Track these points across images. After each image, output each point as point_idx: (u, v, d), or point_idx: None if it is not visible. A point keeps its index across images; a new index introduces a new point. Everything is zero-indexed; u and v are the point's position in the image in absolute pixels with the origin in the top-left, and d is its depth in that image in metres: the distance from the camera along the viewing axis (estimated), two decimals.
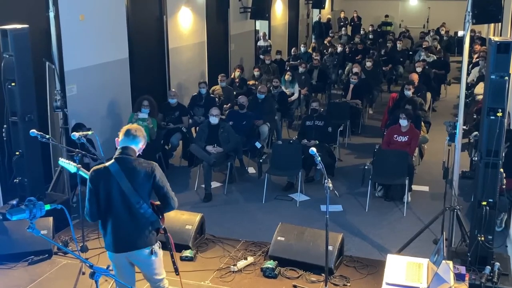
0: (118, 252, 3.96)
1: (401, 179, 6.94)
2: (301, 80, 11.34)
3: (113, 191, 3.85)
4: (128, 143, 3.93)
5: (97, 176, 3.89)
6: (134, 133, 3.94)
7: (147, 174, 3.86)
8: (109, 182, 3.84)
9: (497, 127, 4.76)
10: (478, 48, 13.76)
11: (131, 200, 3.82)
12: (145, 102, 7.92)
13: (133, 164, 3.87)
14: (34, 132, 5.44)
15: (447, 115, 11.20)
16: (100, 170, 3.89)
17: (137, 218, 3.87)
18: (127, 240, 3.90)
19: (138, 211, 3.84)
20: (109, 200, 3.87)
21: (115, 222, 3.89)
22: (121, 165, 3.85)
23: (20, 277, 5.33)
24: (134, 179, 3.84)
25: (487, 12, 6.93)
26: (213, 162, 7.38)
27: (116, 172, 3.82)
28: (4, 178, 6.41)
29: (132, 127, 3.99)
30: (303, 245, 5.47)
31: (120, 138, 3.97)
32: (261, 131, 8.90)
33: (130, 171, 3.84)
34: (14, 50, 5.81)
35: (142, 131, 4.01)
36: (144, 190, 3.87)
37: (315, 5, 19.23)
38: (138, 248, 3.91)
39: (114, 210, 3.87)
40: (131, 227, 3.88)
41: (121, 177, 3.81)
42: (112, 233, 3.91)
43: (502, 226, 6.24)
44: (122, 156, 3.89)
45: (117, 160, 3.88)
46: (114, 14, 8.61)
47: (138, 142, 3.96)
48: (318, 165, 4.52)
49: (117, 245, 3.94)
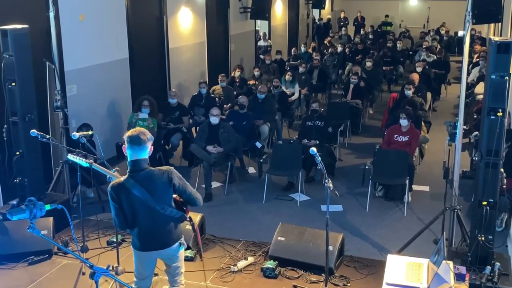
0: (146, 250, 4.00)
1: (402, 179, 6.94)
2: (301, 80, 11.35)
3: (135, 204, 3.83)
4: (137, 156, 3.81)
5: (117, 192, 3.82)
6: (139, 142, 3.78)
7: (165, 184, 3.84)
8: (129, 195, 3.81)
9: (498, 127, 4.76)
10: (478, 48, 13.77)
11: (156, 208, 3.82)
12: (145, 102, 7.92)
13: (148, 177, 3.81)
14: (35, 132, 5.44)
15: (448, 115, 11.20)
16: (118, 186, 3.82)
17: (164, 220, 3.90)
18: (156, 241, 3.95)
19: (164, 215, 3.86)
20: (134, 210, 3.86)
21: (142, 226, 3.91)
22: (137, 180, 3.79)
23: (20, 277, 5.33)
24: (153, 190, 3.81)
25: (487, 12, 6.93)
26: (214, 162, 7.38)
27: (133, 187, 3.77)
28: (4, 178, 6.40)
29: (134, 133, 3.82)
30: (303, 245, 5.47)
31: (126, 147, 3.84)
32: (262, 131, 8.90)
33: (147, 184, 3.80)
34: (14, 50, 5.81)
35: (146, 135, 3.85)
36: (166, 197, 3.88)
37: (315, 5, 19.24)
38: (168, 246, 3.98)
39: (140, 218, 3.88)
40: (159, 231, 3.92)
41: (140, 191, 3.78)
42: (140, 236, 3.95)
43: (502, 226, 6.23)
44: (134, 173, 3.81)
45: (132, 177, 3.81)
46: (114, 14, 8.61)
47: (145, 150, 3.83)
48: (319, 165, 4.52)
49: (146, 246, 3.98)
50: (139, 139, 3.78)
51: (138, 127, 7.88)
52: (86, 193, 7.24)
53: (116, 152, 8.06)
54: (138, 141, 3.78)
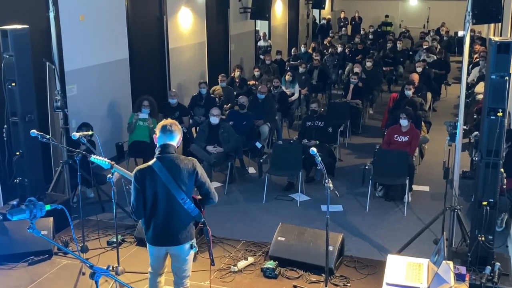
0: (159, 245, 4.09)
1: (402, 179, 6.94)
2: (301, 80, 11.35)
3: (158, 189, 3.93)
4: (166, 140, 4.01)
5: (143, 175, 3.95)
6: (170, 129, 4.01)
7: (189, 171, 3.97)
8: (154, 181, 3.93)
9: (498, 127, 4.76)
10: (478, 48, 13.77)
11: (176, 197, 3.92)
12: (145, 102, 7.92)
13: (175, 161, 3.95)
14: (35, 132, 5.44)
15: (448, 115, 11.20)
16: (144, 169, 3.97)
17: (181, 213, 3.98)
18: (171, 235, 4.02)
19: (182, 207, 3.95)
20: (155, 197, 3.95)
21: (159, 218, 3.99)
22: (164, 163, 3.93)
23: (20, 277, 5.33)
24: (178, 176, 3.93)
25: (487, 12, 6.93)
26: (214, 162, 7.38)
27: (160, 171, 3.90)
28: (4, 178, 6.40)
29: (167, 123, 4.06)
30: (303, 245, 5.47)
31: (158, 135, 4.04)
32: (262, 131, 8.90)
33: (173, 168, 3.93)
34: (14, 50, 5.81)
35: (177, 125, 4.09)
36: (188, 187, 3.98)
37: (315, 5, 19.24)
38: (181, 243, 4.04)
39: (159, 207, 3.97)
40: (174, 223, 4.00)
41: (166, 175, 3.90)
42: (155, 228, 4.02)
43: (502, 226, 6.23)
44: (163, 154, 3.97)
45: (159, 159, 3.96)
46: (114, 14, 8.60)
47: (175, 137, 4.04)
48: (319, 165, 4.52)
49: (160, 239, 4.06)
50: (170, 126, 4.03)
51: (138, 127, 7.97)
52: (86, 193, 7.24)
53: (116, 152, 8.06)
54: (168, 128, 4.02)
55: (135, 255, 5.72)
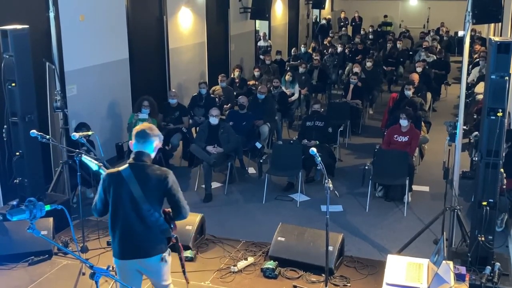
0: (125, 259, 3.84)
1: (401, 179, 6.94)
2: (301, 80, 11.35)
3: (123, 196, 3.75)
4: (141, 148, 3.82)
5: (110, 180, 3.80)
6: (146, 136, 3.81)
7: (159, 181, 3.76)
8: (120, 187, 3.75)
9: (497, 127, 4.76)
10: (478, 48, 13.77)
11: (142, 207, 3.73)
12: (145, 102, 7.92)
13: (146, 170, 3.77)
14: (34, 132, 5.43)
15: (447, 115, 11.20)
16: (113, 174, 3.82)
17: (147, 225, 3.76)
18: (137, 248, 3.79)
19: (149, 219, 3.75)
20: (118, 204, 3.77)
21: (124, 228, 3.79)
22: (134, 171, 3.76)
23: (20, 277, 5.32)
24: (146, 186, 3.74)
25: (487, 12, 6.93)
26: (213, 163, 7.38)
27: (128, 178, 3.74)
28: (4, 179, 6.41)
29: (142, 128, 3.86)
30: (303, 246, 5.46)
31: (133, 141, 3.87)
32: (261, 131, 8.90)
33: (142, 177, 3.75)
34: (14, 51, 5.81)
35: (153, 130, 3.87)
36: (156, 198, 3.78)
37: (315, 5, 19.24)
38: (149, 256, 3.81)
39: (124, 216, 3.77)
40: (141, 235, 3.77)
41: (133, 183, 3.73)
42: (121, 240, 3.81)
43: (502, 226, 6.23)
44: (135, 162, 3.80)
45: (130, 166, 3.80)
46: (114, 14, 8.60)
47: (151, 144, 3.84)
48: (319, 165, 4.52)
49: (126, 252, 3.83)
50: (145, 132, 3.83)
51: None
52: (86, 193, 7.24)
53: (116, 152, 8.06)
54: (143, 134, 3.82)
55: None
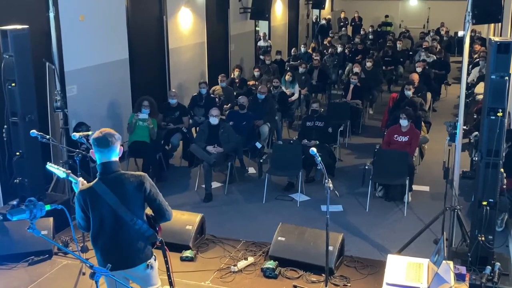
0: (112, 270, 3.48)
1: (402, 179, 6.94)
2: (301, 80, 11.35)
3: (103, 210, 3.57)
4: (106, 158, 3.58)
5: (84, 197, 3.58)
6: (108, 144, 3.54)
7: (136, 188, 3.59)
8: (97, 202, 3.56)
9: (498, 127, 4.76)
10: (478, 48, 13.77)
11: (124, 218, 3.57)
12: (145, 102, 7.92)
13: (119, 180, 3.58)
14: (34, 132, 5.42)
15: (447, 115, 11.20)
16: (86, 191, 3.59)
17: (131, 235, 3.62)
18: (121, 259, 3.65)
19: (132, 228, 3.60)
20: (100, 219, 3.59)
21: (107, 240, 3.63)
22: (108, 184, 3.56)
23: (20, 277, 5.32)
24: (124, 195, 3.56)
25: (487, 12, 6.92)
26: (214, 162, 7.38)
27: (102, 192, 3.54)
28: (4, 179, 6.41)
29: (100, 135, 3.57)
30: (303, 245, 5.46)
31: (94, 151, 3.59)
32: (262, 131, 8.90)
33: (117, 188, 3.56)
34: (14, 51, 5.81)
35: (113, 135, 3.59)
36: (136, 206, 3.62)
37: (315, 5, 19.24)
38: (135, 265, 3.69)
39: (107, 228, 3.61)
40: (125, 246, 3.64)
41: (109, 196, 3.53)
42: (104, 252, 3.66)
43: (502, 226, 6.23)
44: (105, 175, 3.58)
45: (102, 180, 3.58)
46: (114, 14, 8.60)
47: (114, 151, 3.59)
48: (319, 165, 4.52)
49: (111, 263, 3.45)
50: (106, 140, 3.56)
51: (138, 127, 7.97)
52: None
53: None
54: (105, 142, 3.55)
55: None
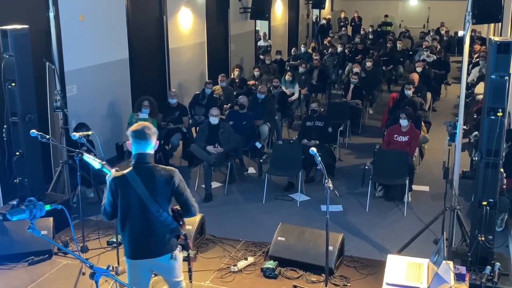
0: (136, 259, 3.87)
1: (401, 179, 6.94)
2: (301, 80, 11.35)
3: (131, 199, 3.75)
4: (141, 149, 3.78)
5: (116, 184, 3.77)
6: (144, 136, 3.76)
7: (166, 181, 3.76)
8: (127, 191, 3.74)
9: (497, 127, 4.76)
10: (478, 48, 13.77)
11: (151, 209, 3.73)
12: (145, 102, 7.92)
13: (151, 171, 3.76)
14: (34, 132, 5.42)
15: (447, 115, 11.20)
16: (119, 178, 3.78)
17: (156, 225, 3.78)
18: (147, 248, 3.82)
19: (158, 219, 3.76)
20: (127, 207, 3.78)
21: (134, 229, 3.80)
22: (139, 173, 3.74)
23: (20, 277, 5.32)
24: (153, 187, 3.74)
25: (487, 12, 6.92)
26: (213, 162, 7.38)
27: (134, 181, 3.72)
28: (4, 178, 6.40)
29: (139, 128, 3.79)
30: (303, 245, 5.47)
31: (131, 142, 3.80)
32: (261, 131, 8.90)
33: (148, 179, 3.74)
34: (14, 51, 5.81)
35: (150, 128, 3.82)
36: (164, 198, 3.78)
37: (315, 5, 19.24)
38: (159, 255, 3.84)
39: (133, 218, 3.78)
40: (150, 235, 3.79)
41: (139, 186, 3.71)
42: (131, 241, 3.83)
43: (502, 226, 6.23)
44: (139, 164, 3.77)
45: (134, 169, 3.77)
46: (114, 14, 8.60)
47: (150, 144, 3.80)
48: (318, 165, 4.52)
49: (136, 252, 3.85)
50: (144, 133, 3.76)
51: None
52: (86, 193, 7.24)
53: (116, 152, 8.06)
54: (143, 135, 3.76)
55: None
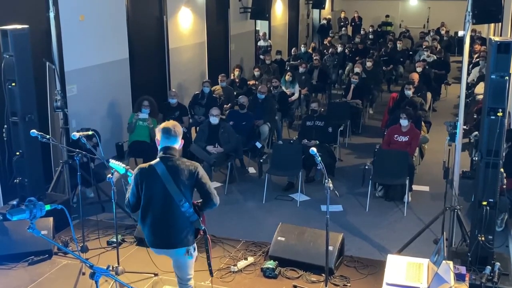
0: (155, 247, 4.09)
1: (402, 179, 6.94)
2: (302, 80, 11.35)
3: (156, 189, 3.94)
4: (169, 143, 4.03)
5: (142, 174, 3.98)
6: (173, 133, 4.03)
7: (190, 172, 3.97)
8: (153, 181, 3.94)
9: (498, 127, 4.76)
10: (478, 48, 13.77)
11: (175, 199, 3.91)
12: (145, 102, 7.93)
13: (177, 163, 3.98)
14: (35, 132, 5.44)
15: (448, 115, 11.20)
16: (145, 168, 3.99)
17: (177, 216, 3.95)
18: (166, 238, 4.01)
19: (179, 210, 3.93)
20: (150, 197, 3.97)
21: (155, 219, 3.98)
22: (166, 164, 3.96)
23: (20, 277, 5.33)
24: (178, 177, 3.94)
25: (487, 12, 6.93)
26: (214, 162, 7.38)
27: (161, 171, 3.92)
28: (4, 178, 6.41)
29: (169, 125, 4.06)
30: (303, 245, 5.47)
31: (159, 138, 4.06)
32: (262, 131, 8.90)
33: (174, 170, 3.95)
34: (14, 50, 5.81)
35: (178, 127, 4.10)
36: (187, 189, 3.97)
37: (315, 5, 19.24)
38: (175, 247, 4.01)
39: (155, 208, 3.97)
40: (170, 226, 3.98)
41: (166, 175, 3.91)
42: (151, 230, 4.02)
43: (502, 226, 6.23)
44: (166, 155, 3.99)
45: (162, 160, 3.99)
46: (114, 14, 8.61)
47: (177, 140, 4.07)
48: (319, 165, 4.52)
49: (155, 241, 4.05)
50: (173, 130, 4.04)
51: (138, 127, 7.98)
52: (86, 193, 7.24)
53: (116, 152, 8.06)
54: (169, 131, 4.03)
55: (135, 255, 5.72)
